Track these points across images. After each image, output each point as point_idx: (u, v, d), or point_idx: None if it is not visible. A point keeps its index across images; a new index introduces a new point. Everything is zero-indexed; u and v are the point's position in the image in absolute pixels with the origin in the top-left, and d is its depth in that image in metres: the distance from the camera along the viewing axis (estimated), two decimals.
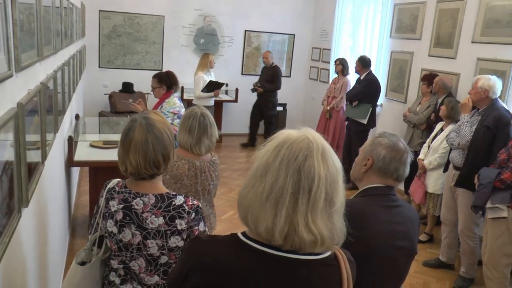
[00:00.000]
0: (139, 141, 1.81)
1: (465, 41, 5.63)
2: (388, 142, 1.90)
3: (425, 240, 5.15)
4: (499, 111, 3.92)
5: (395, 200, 1.91)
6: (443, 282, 4.38)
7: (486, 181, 3.69)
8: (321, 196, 1.15)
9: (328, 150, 1.20)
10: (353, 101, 6.53)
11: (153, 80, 4.55)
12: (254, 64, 9.43)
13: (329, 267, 1.24)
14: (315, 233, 1.14)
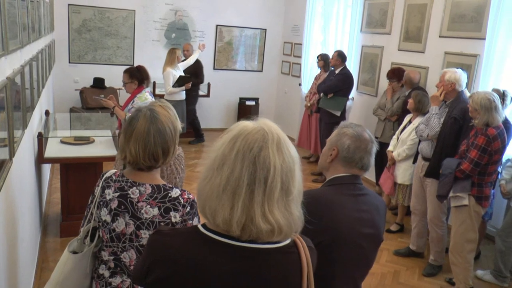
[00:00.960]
0: (140, 131, 1.81)
1: (433, 36, 5.76)
2: (353, 132, 1.93)
3: (396, 230, 5.28)
4: (465, 103, 4.03)
5: (361, 188, 1.95)
6: (413, 270, 4.49)
7: (448, 171, 3.84)
8: (276, 186, 1.17)
9: (283, 140, 1.22)
10: (328, 93, 6.60)
11: (124, 75, 4.51)
12: (226, 59, 9.43)
13: (288, 254, 1.26)
14: (272, 223, 1.16)
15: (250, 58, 9.67)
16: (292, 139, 9.22)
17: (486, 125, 3.68)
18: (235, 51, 9.48)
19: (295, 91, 9.03)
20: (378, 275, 4.33)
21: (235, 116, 9.60)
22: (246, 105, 9.49)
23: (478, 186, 3.80)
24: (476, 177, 3.78)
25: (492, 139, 3.64)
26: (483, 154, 3.66)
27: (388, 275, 4.36)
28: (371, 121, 6.54)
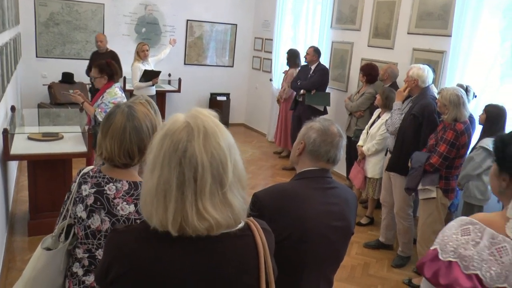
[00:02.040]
0: (117, 128, 1.79)
1: (402, 32, 5.87)
2: (319, 126, 1.96)
3: (366, 222, 5.39)
4: (427, 99, 4.13)
5: (330, 182, 1.97)
6: (382, 262, 4.59)
7: (417, 165, 3.94)
8: (207, 182, 1.16)
9: (211, 132, 1.19)
10: (312, 89, 6.65)
11: (94, 70, 4.45)
12: (197, 54, 9.38)
13: (242, 238, 1.26)
14: (209, 220, 1.16)
15: (221, 54, 9.65)
16: (263, 134, 9.26)
17: (455, 120, 3.78)
18: (206, 46, 9.44)
19: (266, 86, 9.06)
20: (348, 268, 4.41)
21: None
22: (217, 101, 9.47)
23: (445, 179, 3.92)
24: (443, 171, 3.89)
25: (460, 133, 3.76)
26: (452, 148, 3.77)
27: (358, 267, 4.45)
28: (341, 116, 6.63)
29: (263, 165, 7.39)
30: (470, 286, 1.52)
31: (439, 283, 1.58)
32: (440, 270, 1.58)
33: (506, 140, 1.63)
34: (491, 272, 1.52)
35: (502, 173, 1.64)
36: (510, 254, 1.52)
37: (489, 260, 1.53)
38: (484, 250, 1.54)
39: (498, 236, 1.55)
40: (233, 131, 4.81)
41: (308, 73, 6.78)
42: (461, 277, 1.54)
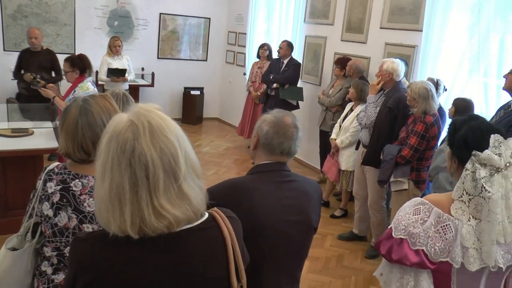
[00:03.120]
0: (70, 123, 1.77)
1: (374, 27, 5.94)
2: (272, 118, 1.91)
3: (340, 215, 5.46)
4: (401, 92, 4.22)
5: (287, 175, 1.92)
6: (356, 253, 4.66)
7: (389, 157, 4.02)
8: (160, 178, 1.14)
9: (157, 126, 1.16)
10: (285, 84, 6.67)
11: (65, 63, 4.38)
12: (170, 48, 9.31)
13: (208, 229, 1.26)
14: (167, 217, 1.14)
15: (194, 47, 9.59)
16: (236, 127, 9.26)
17: (424, 113, 3.86)
18: (179, 40, 9.37)
19: (240, 80, 9.05)
20: (323, 259, 4.47)
21: (180, 106, 9.52)
22: (191, 95, 9.43)
23: (416, 171, 4.01)
24: (415, 162, 3.98)
25: (430, 126, 3.84)
26: (422, 140, 3.85)
27: (332, 259, 4.51)
28: (315, 109, 6.69)
29: (237, 159, 7.40)
30: (418, 261, 1.68)
31: (392, 259, 1.72)
32: (393, 246, 1.73)
33: (457, 126, 1.78)
34: (436, 247, 1.67)
35: (453, 156, 1.81)
36: (453, 231, 1.67)
37: (434, 237, 1.67)
38: (430, 228, 1.68)
39: (444, 215, 1.69)
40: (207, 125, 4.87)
41: (280, 67, 6.81)
42: (409, 253, 1.69)
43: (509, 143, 1.69)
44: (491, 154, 1.65)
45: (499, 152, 1.66)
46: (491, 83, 4.50)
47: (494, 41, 4.48)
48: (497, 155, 1.65)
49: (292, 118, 1.94)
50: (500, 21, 4.44)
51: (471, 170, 1.67)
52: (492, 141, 1.66)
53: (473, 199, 1.67)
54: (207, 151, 7.84)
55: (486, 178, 1.64)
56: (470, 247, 1.67)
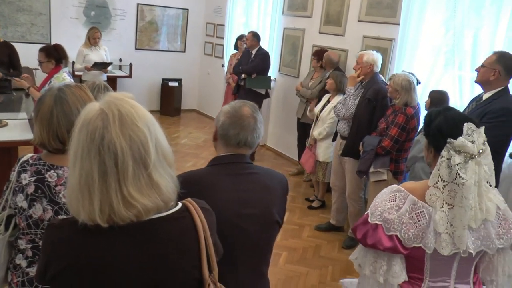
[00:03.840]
0: (44, 112, 1.76)
1: (352, 20, 5.98)
2: (228, 109, 1.88)
3: (318, 206, 5.52)
4: (379, 84, 4.30)
5: (246, 168, 1.88)
6: (333, 244, 4.73)
7: (369, 148, 4.08)
8: (129, 166, 1.14)
9: (127, 114, 1.16)
10: (253, 74, 6.69)
11: (40, 54, 4.32)
12: (148, 39, 9.22)
13: (181, 219, 1.26)
14: (136, 206, 1.14)
15: (172, 39, 9.52)
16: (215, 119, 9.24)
17: (405, 104, 3.93)
18: (157, 31, 9.29)
19: (218, 72, 9.03)
20: (300, 250, 4.52)
21: (158, 98, 9.46)
22: (169, 86, 9.38)
23: (395, 162, 4.09)
24: (394, 153, 4.05)
25: (410, 117, 3.93)
26: (403, 131, 3.93)
27: (310, 249, 4.56)
28: (293, 101, 6.72)
29: (215, 152, 7.38)
30: (391, 246, 1.77)
31: (367, 243, 1.81)
32: (368, 231, 1.82)
33: (432, 116, 1.88)
34: (409, 233, 1.76)
35: (429, 145, 1.89)
36: (427, 218, 1.75)
37: (408, 223, 1.76)
38: (405, 214, 1.77)
39: (418, 202, 1.78)
40: (186, 117, 4.88)
41: (249, 58, 6.84)
42: (383, 238, 1.77)
43: (481, 131, 1.77)
44: (465, 141, 1.72)
45: (472, 140, 1.74)
46: (465, 77, 4.59)
47: (468, 36, 4.57)
48: (471, 143, 1.73)
49: (251, 108, 1.90)
50: (474, 17, 4.53)
51: (447, 157, 1.74)
52: (466, 129, 1.74)
53: (447, 186, 1.75)
54: (185, 143, 7.82)
55: (460, 164, 1.72)
56: (443, 232, 1.75)
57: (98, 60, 6.85)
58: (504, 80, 3.41)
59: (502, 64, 3.35)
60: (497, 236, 1.84)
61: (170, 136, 7.92)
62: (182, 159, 6.80)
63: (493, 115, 3.24)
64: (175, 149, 7.26)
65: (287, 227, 4.88)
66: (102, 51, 7.09)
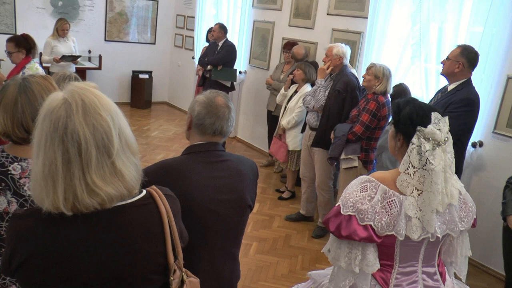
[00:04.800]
0: (8, 101, 1.73)
1: (321, 13, 6.05)
2: (204, 98, 1.93)
3: (288, 197, 5.59)
4: (348, 76, 4.38)
5: (220, 155, 1.95)
6: (303, 233, 4.80)
7: (341, 134, 4.16)
8: (92, 155, 1.15)
9: (90, 104, 1.17)
10: (218, 65, 6.70)
11: (9, 44, 4.23)
12: (118, 31, 9.11)
13: (145, 206, 1.28)
14: (99, 194, 1.16)
15: (142, 30, 9.42)
16: (186, 112, 9.20)
17: (384, 92, 4.03)
18: (127, 23, 9.18)
19: (189, 64, 9.01)
20: (270, 240, 4.57)
21: (129, 90, 9.37)
22: (140, 78, 9.30)
23: (365, 151, 4.17)
24: (364, 142, 4.13)
25: (381, 105, 4.02)
26: (374, 118, 4.01)
27: (280, 239, 4.62)
28: (262, 94, 6.77)
29: (186, 143, 7.19)
30: (366, 235, 1.83)
31: (341, 235, 1.86)
32: (342, 223, 1.86)
33: (401, 105, 1.96)
34: (382, 222, 1.82)
35: (398, 134, 1.95)
36: (398, 206, 1.82)
37: (381, 212, 1.82)
38: (377, 204, 1.83)
39: (390, 191, 1.85)
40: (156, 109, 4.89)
41: (215, 50, 6.85)
42: (358, 228, 1.82)
43: (446, 120, 1.86)
44: (434, 129, 1.82)
45: (439, 128, 1.84)
46: (431, 69, 4.71)
47: (434, 29, 4.69)
48: (438, 131, 1.81)
49: (224, 98, 1.96)
50: (439, 11, 4.65)
51: (417, 144, 1.83)
52: (433, 118, 1.84)
53: (417, 172, 1.83)
54: (156, 135, 7.78)
55: (429, 151, 1.81)
56: (413, 217, 1.83)
57: (67, 52, 6.74)
58: (467, 72, 3.55)
59: (466, 57, 3.50)
60: (460, 219, 1.95)
61: (140, 129, 7.89)
62: (153, 152, 6.78)
63: (456, 105, 3.37)
64: (145, 141, 7.23)
65: (257, 217, 4.94)
66: (70, 43, 6.97)
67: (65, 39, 6.86)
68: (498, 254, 3.52)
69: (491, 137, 4.27)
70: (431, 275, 2.01)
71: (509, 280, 3.42)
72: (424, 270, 1.99)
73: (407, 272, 1.96)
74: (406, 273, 1.95)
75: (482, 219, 2.12)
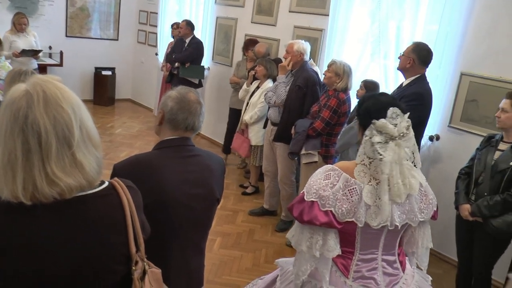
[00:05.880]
0: None
1: (284, 10, 6.12)
2: (176, 94, 1.96)
3: (251, 192, 5.66)
4: (309, 72, 4.48)
5: (191, 150, 1.99)
6: (267, 227, 4.87)
7: (301, 129, 4.24)
8: (52, 145, 1.16)
9: (52, 95, 1.19)
10: (186, 62, 6.70)
11: None
12: (80, 26, 8.95)
13: (106, 197, 1.29)
14: (59, 184, 1.16)
15: (105, 26, 9.29)
16: (150, 109, 9.17)
17: (345, 88, 4.12)
18: (88, 18, 9.04)
19: (152, 60, 8.93)
20: (234, 235, 4.62)
21: (91, 87, 9.22)
22: (102, 75, 9.17)
23: (325, 146, 4.26)
24: (324, 137, 4.22)
25: (342, 102, 4.12)
26: (334, 115, 4.10)
27: (244, 234, 4.68)
28: (225, 90, 6.80)
29: (150, 140, 7.33)
30: (326, 221, 1.91)
31: (303, 220, 1.94)
32: (304, 209, 1.94)
33: (364, 99, 2.05)
34: (343, 208, 1.90)
35: (360, 126, 2.07)
36: (359, 193, 1.90)
37: (342, 199, 1.90)
38: (339, 191, 1.91)
39: (351, 180, 1.93)
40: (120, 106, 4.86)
41: (183, 47, 6.85)
42: (319, 214, 1.90)
43: (405, 116, 1.94)
44: (386, 123, 1.90)
45: (395, 123, 1.92)
46: (389, 65, 4.83)
47: (392, 27, 4.82)
48: (393, 125, 1.89)
49: (195, 94, 2.01)
50: (397, 9, 4.78)
51: (369, 136, 1.92)
52: (390, 112, 1.93)
53: (373, 162, 1.92)
54: (119, 132, 7.71)
55: (380, 144, 1.90)
56: (372, 205, 1.91)
57: (27, 47, 6.59)
58: (419, 69, 3.69)
59: (417, 54, 3.65)
60: (419, 210, 2.03)
61: (104, 126, 7.80)
62: (117, 149, 6.72)
63: (407, 99, 3.50)
64: (109, 139, 7.15)
65: (221, 213, 4.97)
66: (31, 38, 6.81)
67: (25, 34, 6.70)
68: (453, 242, 3.67)
69: (447, 130, 4.43)
70: (391, 263, 2.10)
71: (460, 266, 3.60)
72: (384, 258, 2.07)
73: (367, 259, 2.04)
74: (366, 260, 2.04)
75: (440, 209, 2.20)
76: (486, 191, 3.19)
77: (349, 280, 2.04)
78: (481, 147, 3.39)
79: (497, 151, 3.24)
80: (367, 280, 2.04)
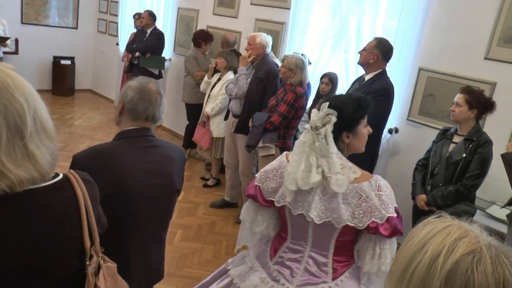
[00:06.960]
0: None
1: (245, 3, 6.12)
2: (136, 84, 1.96)
3: (213, 184, 5.66)
4: (270, 65, 4.51)
5: (151, 141, 1.99)
6: (227, 220, 4.89)
7: (259, 123, 4.26)
8: (2, 136, 1.12)
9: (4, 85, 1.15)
10: (146, 52, 6.64)
11: None
12: (36, 13, 8.70)
13: (61, 190, 1.26)
14: (9, 176, 1.12)
15: (63, 14, 9.06)
16: (111, 100, 9.02)
17: (300, 83, 4.15)
18: (46, 5, 8.78)
19: (113, 50, 8.78)
20: (195, 227, 4.62)
21: (49, 77, 9.00)
22: (61, 65, 8.97)
23: (283, 138, 4.30)
24: (282, 130, 4.26)
25: (299, 96, 4.15)
26: (291, 109, 4.14)
27: (205, 226, 4.68)
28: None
29: (110, 132, 7.21)
30: (252, 193, 2.11)
31: (245, 194, 2.17)
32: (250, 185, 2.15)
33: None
34: (269, 187, 2.08)
35: None
36: (285, 176, 1.98)
37: (272, 179, 2.07)
38: (273, 171, 2.09)
39: (285, 162, 2.05)
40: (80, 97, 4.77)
41: (144, 37, 6.80)
42: (251, 187, 2.12)
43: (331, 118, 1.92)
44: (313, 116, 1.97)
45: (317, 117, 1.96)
46: (350, 59, 4.90)
47: (353, 22, 4.89)
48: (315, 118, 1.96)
49: (156, 85, 2.01)
50: (357, 5, 4.85)
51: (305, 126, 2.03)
52: (322, 107, 1.98)
53: None
54: (79, 124, 7.56)
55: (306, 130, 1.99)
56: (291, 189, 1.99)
57: None
58: (381, 64, 3.77)
59: (380, 49, 3.72)
60: (351, 215, 1.91)
61: (63, 117, 7.62)
62: (76, 141, 6.58)
63: (374, 94, 3.56)
64: (68, 130, 7.00)
65: (182, 205, 4.96)
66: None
67: None
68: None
69: (405, 123, 4.53)
70: (319, 264, 2.04)
71: None
72: (312, 255, 2.05)
73: (295, 250, 2.10)
74: (293, 250, 2.10)
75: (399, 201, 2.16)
76: (441, 182, 3.32)
77: (271, 262, 2.13)
78: (437, 139, 3.52)
79: (451, 143, 3.37)
80: (285, 268, 2.09)
